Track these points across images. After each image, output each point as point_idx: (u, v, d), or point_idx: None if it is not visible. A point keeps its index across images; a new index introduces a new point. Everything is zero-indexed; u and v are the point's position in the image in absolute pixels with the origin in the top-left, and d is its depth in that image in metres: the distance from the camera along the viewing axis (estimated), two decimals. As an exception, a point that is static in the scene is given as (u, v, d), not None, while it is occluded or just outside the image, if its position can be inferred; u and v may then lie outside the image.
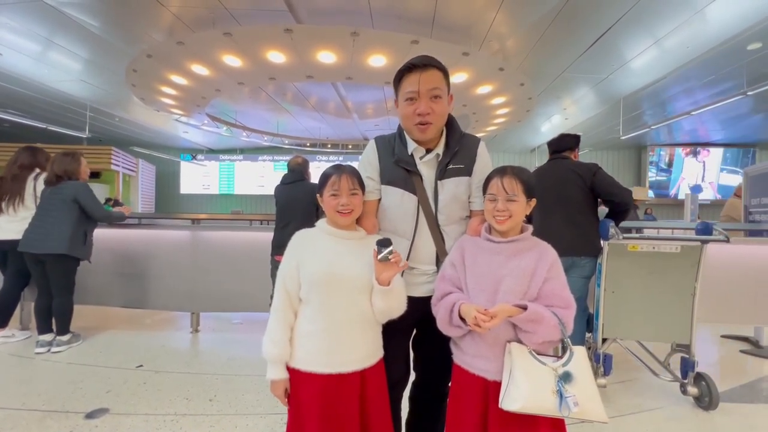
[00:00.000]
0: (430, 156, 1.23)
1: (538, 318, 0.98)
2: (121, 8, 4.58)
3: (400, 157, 1.23)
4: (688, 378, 2.04)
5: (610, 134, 9.38)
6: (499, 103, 6.94)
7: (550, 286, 1.04)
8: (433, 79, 1.17)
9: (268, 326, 1.10)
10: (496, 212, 1.08)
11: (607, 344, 2.10)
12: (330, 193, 1.13)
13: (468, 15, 4.63)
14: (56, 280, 2.65)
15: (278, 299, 1.11)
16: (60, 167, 2.73)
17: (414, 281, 1.22)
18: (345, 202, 1.11)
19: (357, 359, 1.09)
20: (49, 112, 8.47)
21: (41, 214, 2.67)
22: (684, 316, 2.01)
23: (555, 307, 1.01)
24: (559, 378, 0.93)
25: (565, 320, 1.00)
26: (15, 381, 2.19)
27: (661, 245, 1.95)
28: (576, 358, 0.97)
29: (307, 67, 5.54)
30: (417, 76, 1.16)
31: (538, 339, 0.99)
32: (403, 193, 1.22)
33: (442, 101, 1.19)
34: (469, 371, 1.08)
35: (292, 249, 1.14)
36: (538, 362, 0.96)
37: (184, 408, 1.90)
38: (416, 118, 1.17)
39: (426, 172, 1.23)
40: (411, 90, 1.17)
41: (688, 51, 5.27)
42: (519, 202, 1.07)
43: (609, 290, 2.04)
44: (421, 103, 1.16)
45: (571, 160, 2.40)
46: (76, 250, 2.66)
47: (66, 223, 2.63)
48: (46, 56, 5.89)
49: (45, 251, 2.58)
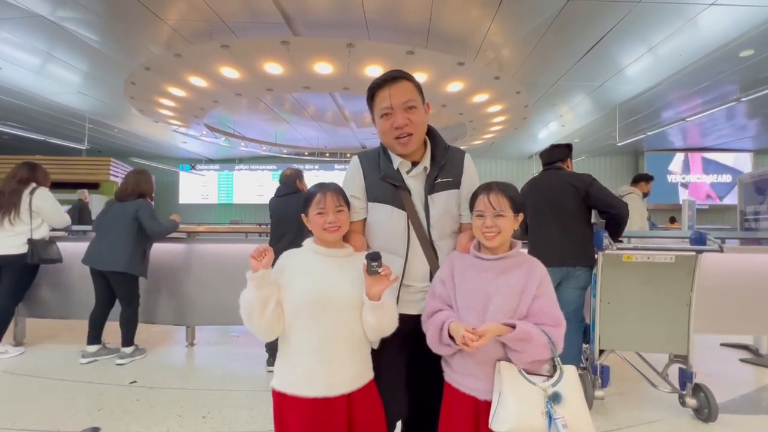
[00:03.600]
0: (418, 170, 1.21)
1: (526, 337, 0.96)
2: (120, 22, 4.63)
3: (386, 172, 1.20)
4: (686, 389, 2.02)
5: (607, 140, 9.42)
6: (495, 111, 6.98)
7: (540, 304, 1.03)
8: (405, 90, 1.16)
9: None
10: (485, 228, 1.07)
11: (604, 355, 2.08)
12: (316, 211, 1.11)
13: (463, 25, 4.68)
14: (121, 294, 2.76)
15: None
16: (131, 186, 2.82)
17: (410, 299, 1.20)
18: (332, 220, 1.10)
19: (344, 381, 1.06)
20: (49, 124, 8.52)
21: (106, 230, 2.73)
22: (681, 326, 2.00)
23: (545, 326, 1.00)
24: (548, 398, 0.91)
25: (555, 339, 0.99)
26: (7, 399, 2.16)
27: (656, 255, 1.95)
28: (566, 377, 0.96)
29: (304, 78, 5.58)
30: (387, 91, 1.15)
31: (528, 358, 0.98)
32: (392, 209, 1.19)
33: (418, 111, 1.17)
34: (459, 390, 1.06)
35: (277, 270, 1.11)
36: (528, 382, 0.95)
37: (177, 426, 1.88)
38: (394, 132, 1.15)
39: (414, 187, 1.21)
40: (384, 105, 1.15)
41: (682, 59, 5.33)
42: (507, 218, 1.07)
43: (605, 301, 2.03)
44: (396, 116, 1.14)
45: (564, 170, 2.40)
46: (135, 267, 2.72)
47: (128, 240, 2.70)
48: (46, 69, 5.95)
49: (107, 268, 2.67)
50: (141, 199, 2.82)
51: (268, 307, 1.02)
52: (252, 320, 1.03)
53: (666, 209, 11.68)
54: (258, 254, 1.02)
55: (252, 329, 1.05)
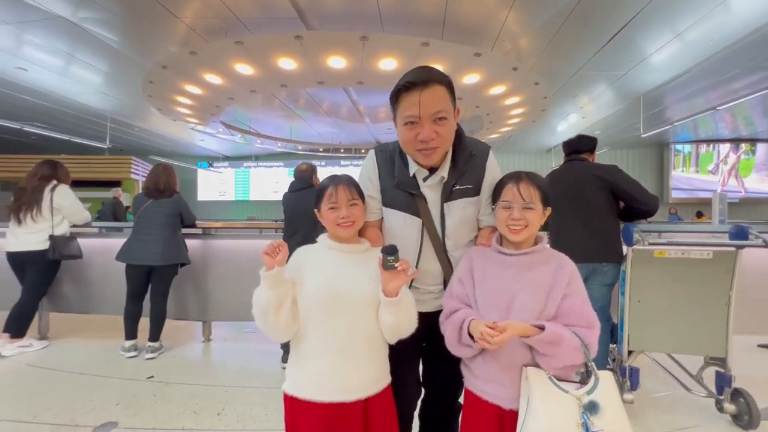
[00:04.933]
0: (434, 179, 1.11)
1: (556, 339, 0.87)
2: (138, 22, 4.68)
3: (401, 179, 1.11)
4: (724, 394, 1.89)
5: (630, 132, 9.09)
6: (513, 104, 6.80)
7: (570, 303, 0.94)
8: (437, 98, 0.99)
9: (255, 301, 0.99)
10: (511, 221, 0.98)
11: (633, 357, 1.96)
12: (328, 206, 1.05)
13: (479, 15, 4.54)
14: (162, 288, 2.83)
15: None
16: (163, 181, 2.90)
17: (420, 298, 1.13)
18: (345, 215, 1.04)
19: (360, 385, 1.00)
20: (72, 124, 8.76)
21: (147, 228, 2.79)
22: (718, 327, 1.87)
23: (576, 327, 0.91)
24: (583, 408, 0.83)
25: (589, 341, 0.90)
26: (30, 392, 2.20)
27: (692, 251, 1.82)
28: (602, 384, 0.87)
29: (317, 73, 5.54)
30: (417, 97, 0.98)
31: (558, 363, 0.88)
32: (406, 216, 1.13)
33: (448, 123, 1.02)
34: (481, 398, 0.98)
35: (291, 267, 1.04)
36: (559, 390, 0.86)
37: (192, 423, 1.87)
38: (418, 144, 1.02)
39: (430, 195, 1.12)
40: (410, 114, 1.00)
41: (712, 44, 5.04)
42: (535, 210, 0.98)
43: (634, 299, 1.91)
44: (423, 128, 1.00)
45: (588, 162, 2.28)
46: (185, 256, 2.90)
47: (174, 235, 2.85)
48: (69, 70, 6.09)
49: (165, 262, 2.74)
50: (178, 195, 2.95)
51: (284, 306, 0.96)
52: (266, 320, 0.96)
53: (692, 203, 11.23)
54: (272, 250, 0.94)
55: (265, 330, 0.98)
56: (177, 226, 2.88)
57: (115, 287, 3.05)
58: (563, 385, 0.87)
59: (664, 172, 11.74)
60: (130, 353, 2.74)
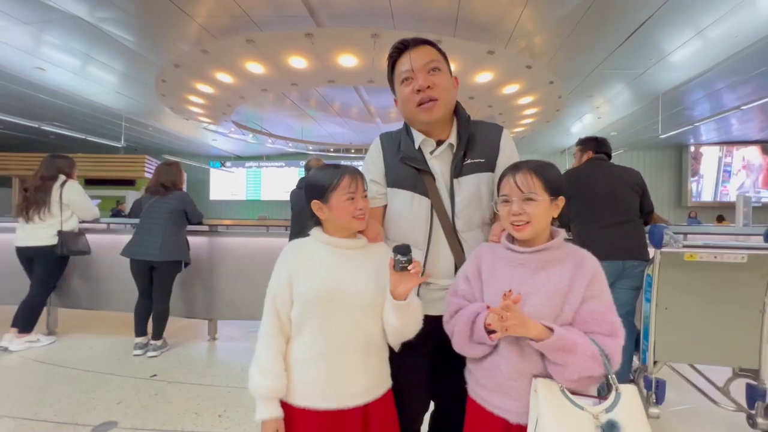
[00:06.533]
0: (443, 148, 1.05)
1: (568, 346, 0.77)
2: (153, 21, 4.71)
3: (406, 153, 1.06)
4: (757, 408, 1.76)
5: (648, 133, 8.82)
6: (526, 103, 6.66)
7: (590, 308, 0.82)
8: (426, 52, 1.03)
9: (256, 353, 0.94)
10: (512, 216, 0.88)
11: (658, 367, 1.84)
12: (346, 196, 0.95)
13: (493, 12, 4.44)
14: (164, 286, 2.79)
15: (267, 321, 0.94)
16: (168, 178, 2.87)
17: (430, 297, 1.04)
18: (363, 206, 0.97)
19: (359, 392, 0.92)
20: (88, 123, 8.91)
21: (150, 223, 2.77)
22: (752, 336, 1.73)
23: (596, 334, 0.80)
24: (601, 427, 0.72)
25: (610, 351, 0.78)
26: (33, 388, 2.18)
27: (725, 254, 1.69)
28: (624, 401, 0.75)
29: (328, 71, 5.50)
30: (407, 55, 1.03)
31: (572, 374, 0.77)
32: (413, 196, 1.05)
33: (443, 74, 1.03)
34: (485, 408, 0.88)
35: (283, 262, 0.98)
36: (573, 405, 0.75)
37: (192, 424, 1.82)
38: (416, 97, 1.01)
39: (439, 169, 1.06)
40: (405, 69, 1.03)
41: (737, 41, 4.84)
42: (539, 202, 0.87)
43: (662, 306, 1.79)
44: (418, 78, 1.01)
45: (615, 164, 2.26)
46: (186, 254, 2.85)
47: (178, 232, 2.81)
48: (85, 70, 6.18)
49: (164, 259, 2.69)
50: (182, 192, 2.91)
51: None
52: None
53: (712, 207, 10.87)
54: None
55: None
56: (181, 223, 2.84)
57: (123, 283, 3.03)
58: (578, 400, 0.76)
59: (683, 174, 11.39)
60: (136, 351, 2.72)
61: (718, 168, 10.92)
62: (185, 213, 2.84)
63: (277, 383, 0.91)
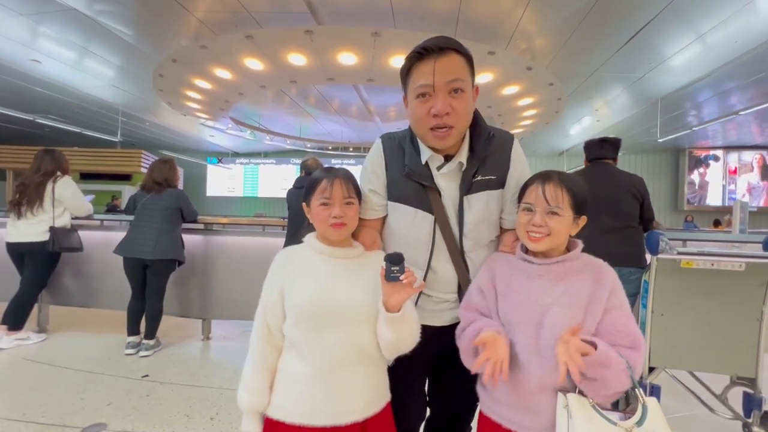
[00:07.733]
0: (452, 166, 0.96)
1: (606, 361, 0.74)
2: (151, 16, 4.66)
3: (412, 169, 0.97)
4: (753, 417, 1.75)
5: (646, 137, 8.84)
6: (526, 104, 6.65)
7: (612, 320, 0.80)
8: (453, 66, 0.88)
9: (244, 369, 0.91)
10: (531, 227, 0.84)
11: (654, 374, 1.83)
12: (320, 201, 0.90)
13: (494, 13, 4.42)
14: (158, 284, 2.75)
15: (257, 335, 0.91)
16: (161, 175, 2.83)
17: (432, 308, 1.00)
18: (338, 213, 0.89)
19: (357, 408, 0.87)
20: (84, 117, 8.83)
21: (144, 221, 2.72)
22: (748, 344, 1.73)
23: (619, 347, 0.78)
24: None
25: (634, 364, 0.77)
26: (22, 388, 2.14)
27: (722, 262, 1.68)
28: (651, 413, 0.73)
29: (327, 69, 5.47)
30: (431, 65, 0.87)
31: (608, 389, 0.74)
32: (416, 212, 0.97)
33: (465, 96, 0.90)
34: (503, 426, 0.84)
35: (275, 271, 0.93)
36: (606, 421, 0.72)
37: (183, 427, 1.78)
38: (431, 120, 0.90)
39: (446, 186, 0.97)
40: (423, 83, 0.89)
41: (737, 46, 4.84)
42: (563, 218, 0.83)
43: (657, 312, 1.78)
44: (437, 99, 0.88)
45: (618, 168, 2.24)
46: (180, 253, 2.80)
47: (172, 230, 2.76)
48: (82, 63, 6.11)
49: (157, 257, 2.65)
50: (177, 189, 2.88)
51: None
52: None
53: (708, 211, 10.92)
54: None
55: None
56: (175, 221, 2.79)
57: (115, 281, 2.99)
58: (609, 416, 0.73)
59: (680, 178, 11.43)
60: (128, 350, 2.68)
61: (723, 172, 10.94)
62: (180, 211, 2.81)
63: (258, 399, 0.88)
